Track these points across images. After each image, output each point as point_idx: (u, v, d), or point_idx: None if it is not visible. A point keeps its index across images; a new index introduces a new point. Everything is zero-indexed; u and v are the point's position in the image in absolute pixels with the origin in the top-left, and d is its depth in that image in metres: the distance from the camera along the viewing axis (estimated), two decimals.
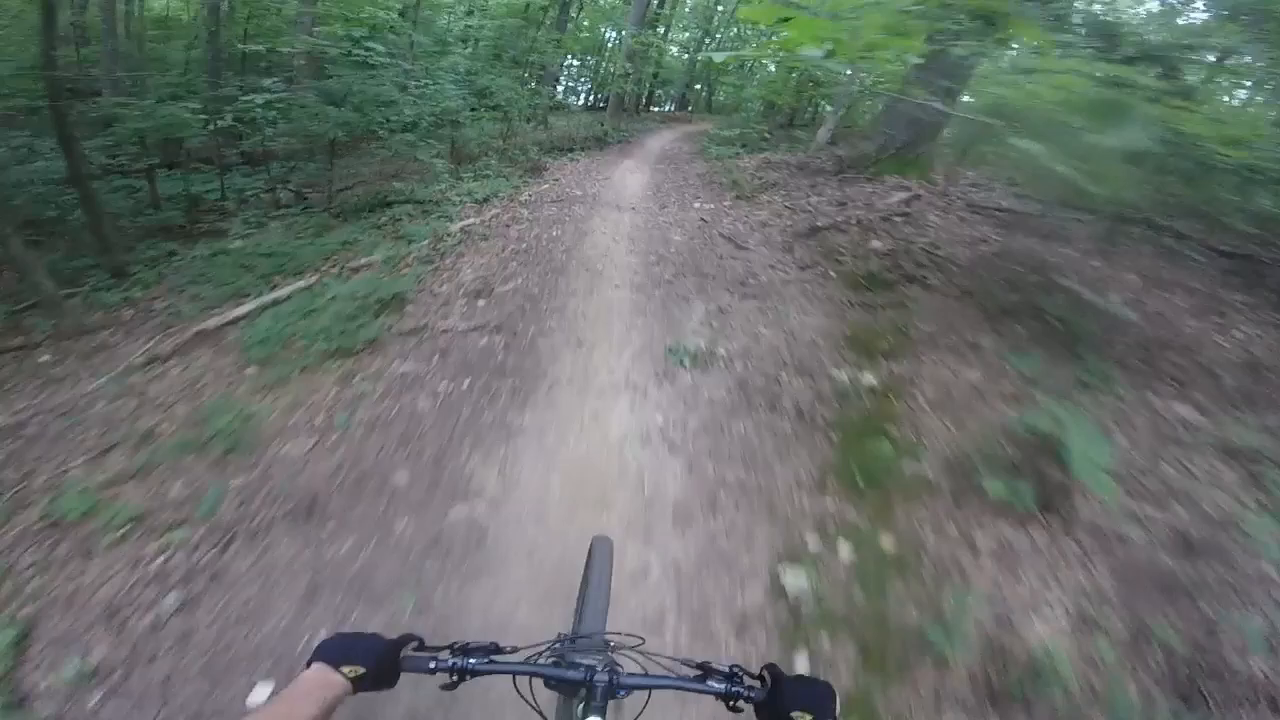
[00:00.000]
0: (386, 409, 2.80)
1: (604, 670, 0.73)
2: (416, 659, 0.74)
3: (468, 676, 0.73)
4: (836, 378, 3.09)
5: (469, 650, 0.75)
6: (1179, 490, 2.32)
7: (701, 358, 3.21)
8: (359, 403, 2.84)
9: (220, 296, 4.34)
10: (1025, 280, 4.01)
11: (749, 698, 0.72)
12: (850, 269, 4.28)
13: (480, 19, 12.01)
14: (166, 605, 1.85)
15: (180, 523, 2.14)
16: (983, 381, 3.01)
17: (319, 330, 3.32)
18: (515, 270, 4.11)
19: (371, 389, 2.91)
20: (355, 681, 0.67)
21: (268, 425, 2.71)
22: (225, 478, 2.37)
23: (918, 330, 3.44)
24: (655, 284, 4.10)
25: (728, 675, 0.74)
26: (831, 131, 9.71)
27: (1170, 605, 1.89)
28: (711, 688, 0.73)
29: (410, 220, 5.83)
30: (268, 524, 2.18)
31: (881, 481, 2.42)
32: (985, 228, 5.24)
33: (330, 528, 2.18)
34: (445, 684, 0.73)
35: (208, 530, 2.12)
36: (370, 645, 0.72)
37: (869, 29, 1.41)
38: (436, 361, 3.05)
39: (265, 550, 2.07)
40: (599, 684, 0.72)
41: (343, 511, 2.26)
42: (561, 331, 3.32)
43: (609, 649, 0.88)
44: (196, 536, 2.09)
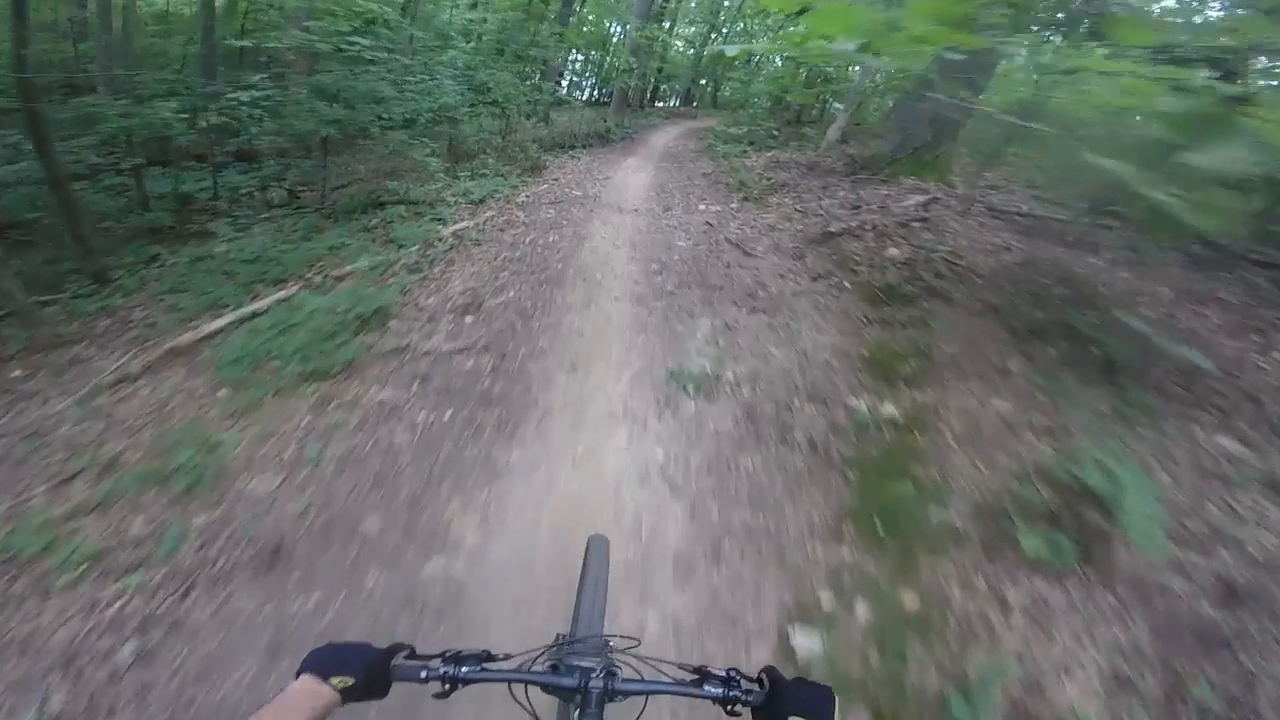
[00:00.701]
0: (361, 443, 2.55)
1: (599, 676, 0.72)
2: (407, 668, 0.72)
3: (460, 685, 0.72)
4: (853, 407, 2.82)
5: (461, 658, 0.73)
6: (1223, 532, 2.12)
7: (706, 383, 2.94)
8: (332, 434, 2.59)
9: (199, 307, 4.12)
10: (1053, 294, 3.74)
11: (746, 701, 0.70)
12: (866, 280, 3.99)
13: (483, 12, 11.70)
14: (124, 655, 1.72)
15: (139, 564, 1.99)
16: (1013, 412, 2.76)
17: (294, 350, 3.07)
18: (507, 281, 3.84)
19: (346, 419, 2.67)
20: (345, 692, 0.66)
21: (234, 457, 2.50)
22: (187, 516, 2.18)
23: (941, 352, 3.16)
24: (657, 296, 3.82)
25: (724, 679, 0.73)
26: (842, 130, 9.37)
27: (1208, 659, 1.76)
28: (708, 692, 0.72)
29: (402, 222, 5.57)
30: (229, 570, 1.99)
31: (904, 530, 2.19)
32: (1007, 234, 4.95)
33: (296, 578, 1.99)
34: (438, 692, 0.72)
35: (167, 574, 1.96)
36: (360, 655, 0.70)
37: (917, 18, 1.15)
38: (417, 388, 2.79)
39: (227, 600, 1.90)
40: (594, 690, 0.71)
41: (309, 560, 2.06)
42: (554, 352, 3.06)
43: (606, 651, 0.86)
44: (155, 580, 1.94)
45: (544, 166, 8.59)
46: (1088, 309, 3.49)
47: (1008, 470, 2.40)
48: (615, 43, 17.25)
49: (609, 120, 13.27)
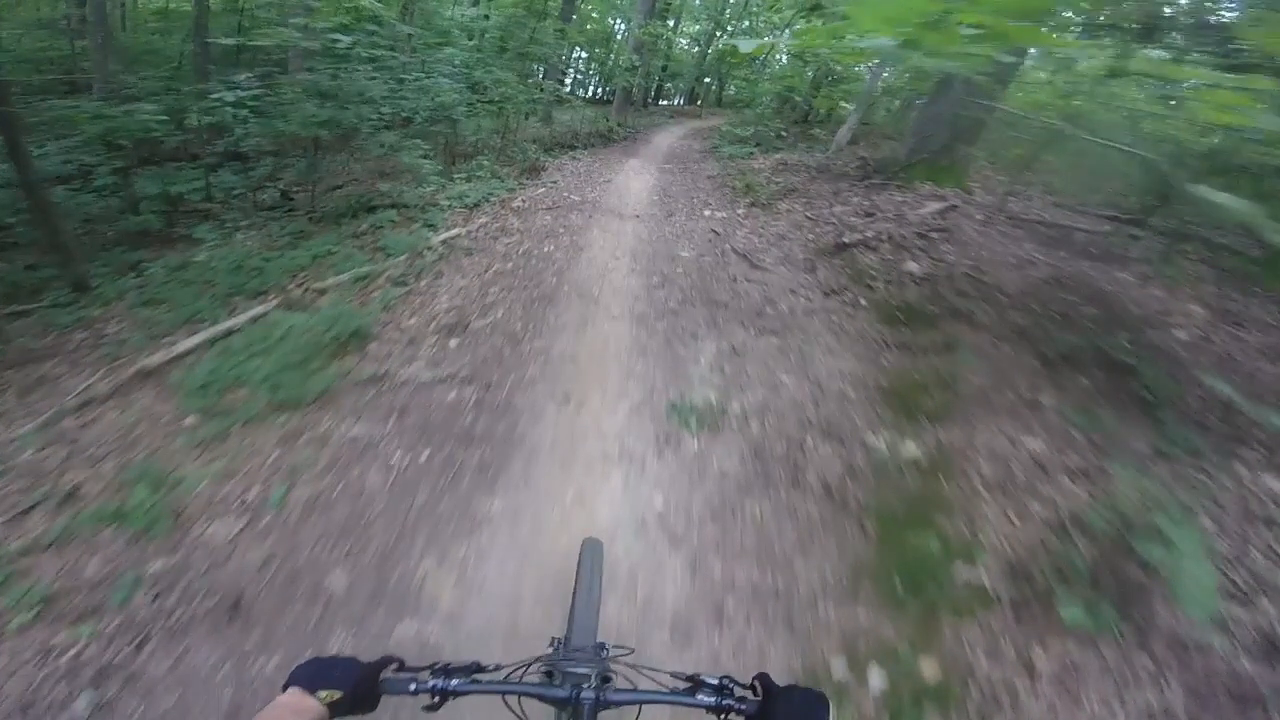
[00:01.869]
0: (329, 486, 2.32)
1: (591, 687, 0.72)
2: (396, 681, 0.72)
3: (450, 697, 0.72)
4: (872, 446, 2.58)
5: (450, 670, 0.73)
6: (1267, 581, 1.97)
7: (711, 417, 2.69)
8: (299, 474, 2.37)
9: (174, 321, 3.91)
10: (1082, 315, 3.49)
11: (740, 710, 0.69)
12: (883, 297, 3.73)
13: (485, 8, 11.45)
14: (79, 709, 1.63)
15: (93, 610, 1.87)
16: (1047, 452, 2.54)
17: (264, 377, 2.85)
18: (497, 298, 3.59)
19: (314, 457, 2.44)
20: (332, 706, 0.65)
21: (195, 497, 2.30)
22: (143, 560, 2.03)
23: (967, 383, 2.91)
24: (659, 315, 3.56)
25: (718, 688, 0.73)
26: (852, 131, 9.07)
27: None
28: (701, 701, 0.71)
29: (393, 228, 5.34)
30: (186, 623, 1.85)
31: (927, 590, 1.99)
32: (1030, 245, 4.68)
33: (256, 636, 1.83)
34: (428, 705, 0.71)
35: (123, 622, 1.85)
36: (348, 668, 0.69)
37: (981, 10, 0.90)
38: (393, 424, 2.55)
39: (184, 654, 1.79)
40: (586, 701, 0.70)
41: (270, 617, 1.88)
42: (545, 381, 2.80)
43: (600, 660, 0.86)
44: (110, 628, 1.83)
45: (543, 168, 8.34)
46: (1120, 331, 3.28)
47: (1042, 521, 2.19)
48: (619, 40, 16.99)
49: (611, 119, 13.01)
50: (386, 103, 5.61)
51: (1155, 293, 4.00)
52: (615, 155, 10.26)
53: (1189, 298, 3.94)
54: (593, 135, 11.91)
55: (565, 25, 11.23)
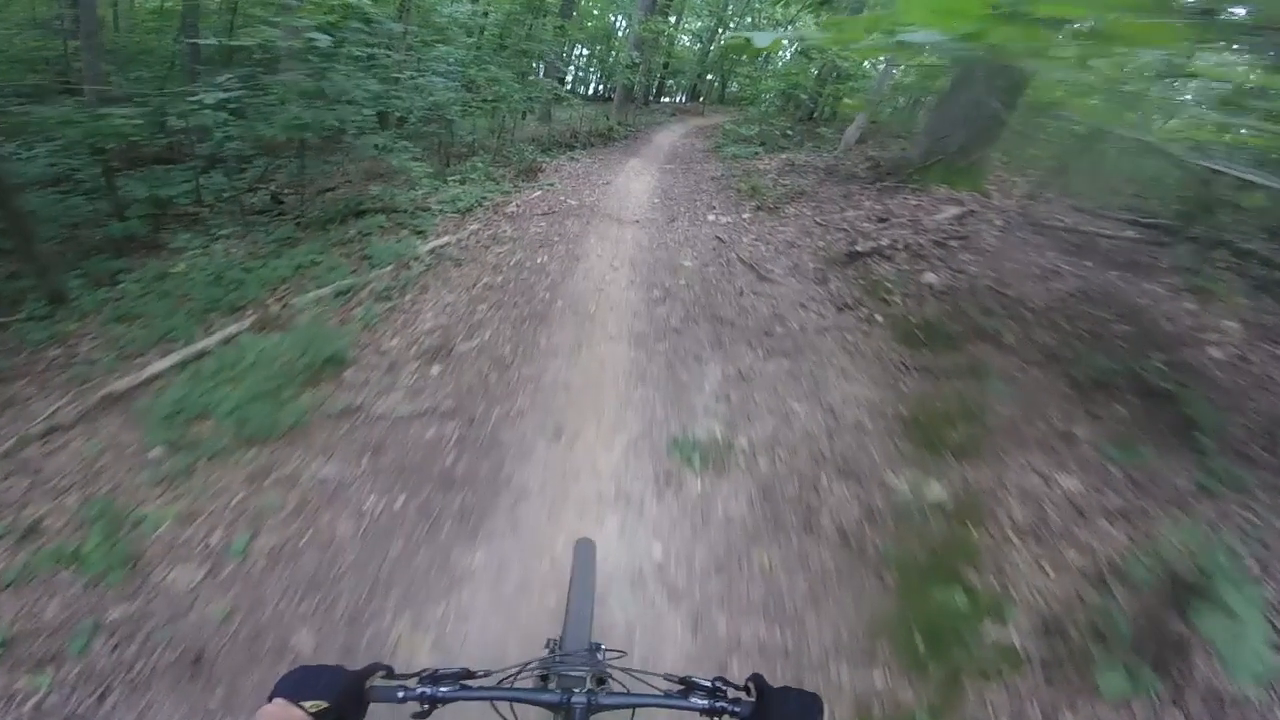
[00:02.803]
0: (296, 533, 2.13)
1: (582, 691, 0.72)
2: (384, 689, 0.70)
3: (439, 705, 0.71)
4: (893, 486, 2.37)
5: (439, 677, 0.73)
6: None
7: (716, 453, 2.48)
8: (264, 519, 2.19)
9: (147, 340, 3.74)
10: (1114, 333, 3.29)
11: (733, 712, 0.69)
12: (901, 313, 3.50)
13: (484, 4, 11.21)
14: None
15: (53, 657, 1.80)
16: (1083, 491, 2.35)
17: (232, 408, 2.66)
18: (485, 317, 3.37)
19: (281, 500, 2.24)
20: (318, 716, 0.64)
21: (156, 539, 2.15)
22: (102, 605, 1.93)
23: (995, 414, 2.69)
24: (660, 334, 3.34)
25: (711, 690, 0.72)
26: (861, 129, 8.83)
27: None
28: (694, 704, 0.70)
29: (381, 234, 5.15)
30: (148, 676, 1.76)
31: (951, 650, 1.83)
32: (1053, 254, 4.45)
33: (219, 696, 1.71)
34: (416, 713, 0.71)
35: (83, 671, 1.77)
36: (334, 677, 0.68)
37: None
38: (367, 463, 2.34)
39: (147, 709, 1.70)
40: (577, 706, 0.70)
41: (234, 676, 1.76)
42: (535, 413, 2.58)
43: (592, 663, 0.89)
44: (71, 676, 1.75)
45: (540, 169, 8.12)
46: (1153, 350, 3.09)
47: (1078, 570, 2.04)
48: (620, 37, 16.75)
49: (611, 118, 12.78)
50: (374, 103, 5.40)
51: (1187, 306, 3.80)
52: (615, 155, 10.03)
53: (1223, 311, 3.75)
54: (592, 134, 11.69)
55: (565, 22, 11.00)
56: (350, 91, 4.61)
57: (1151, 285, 3.99)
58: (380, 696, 0.70)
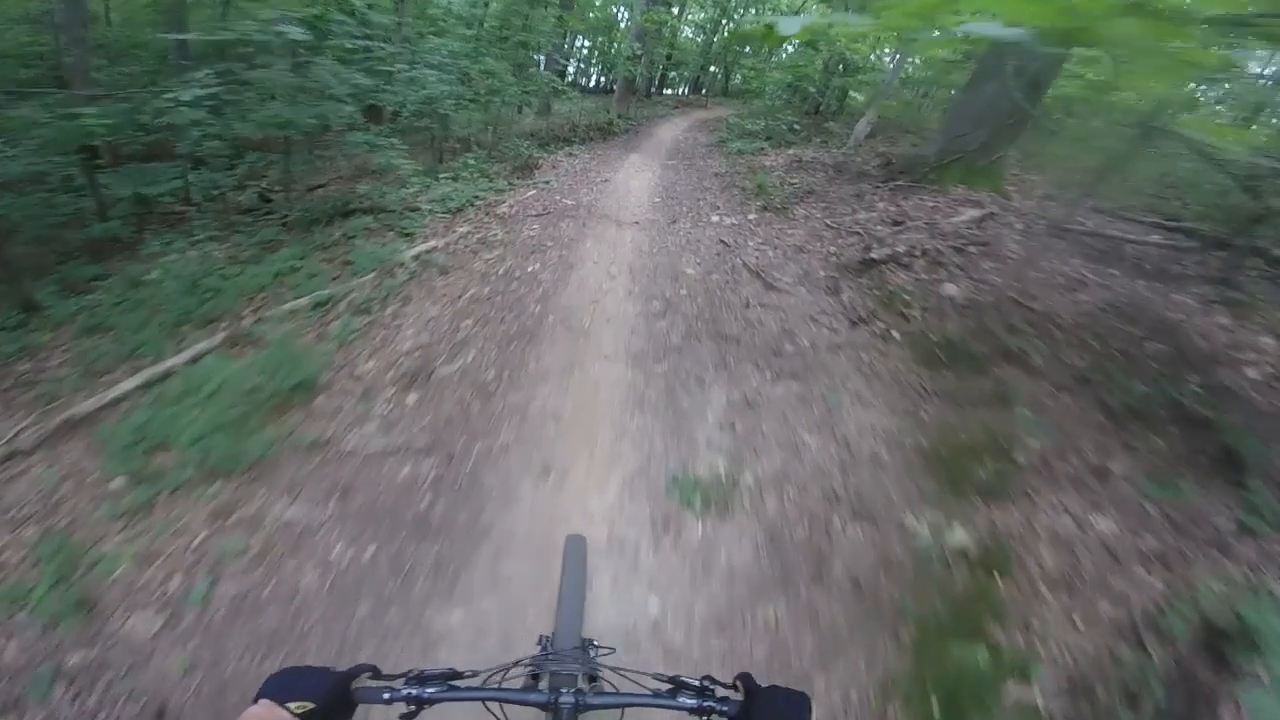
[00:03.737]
0: (259, 582, 1.96)
1: (570, 691, 0.72)
2: (370, 690, 0.70)
3: (426, 706, 0.71)
4: (912, 530, 2.18)
5: (426, 678, 0.73)
6: None
7: (719, 492, 2.27)
8: (225, 565, 2.01)
9: (116, 355, 3.56)
10: (1147, 353, 3.10)
11: (721, 711, 0.69)
12: (920, 329, 3.28)
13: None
14: None
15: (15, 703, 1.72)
16: (1118, 534, 2.19)
17: (195, 439, 2.48)
18: (469, 334, 3.15)
19: (244, 544, 2.06)
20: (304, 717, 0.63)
21: (114, 582, 2.01)
22: (60, 652, 1.84)
23: (1025, 447, 2.48)
24: (659, 353, 3.12)
25: (699, 689, 0.73)
26: (871, 124, 8.55)
27: None
28: (683, 703, 0.71)
29: (366, 237, 4.95)
30: None
31: (969, 715, 1.72)
32: (1077, 261, 4.24)
33: None
34: (404, 714, 0.71)
35: None
36: (319, 679, 0.68)
37: None
38: (335, 506, 2.14)
39: None
40: (565, 706, 0.71)
41: None
42: (520, 449, 2.37)
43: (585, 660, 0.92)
44: None
45: (536, 166, 7.89)
46: (1188, 372, 2.92)
47: (1110, 623, 1.91)
48: (623, 28, 16.43)
49: (612, 111, 12.50)
50: (357, 98, 5.17)
51: (1220, 320, 3.61)
52: (615, 150, 9.78)
53: (1259, 326, 3.55)
54: (591, 128, 11.42)
55: (565, 13, 10.71)
56: (332, 87, 4.38)
57: (1182, 297, 3.80)
58: (367, 698, 0.69)
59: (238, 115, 4.74)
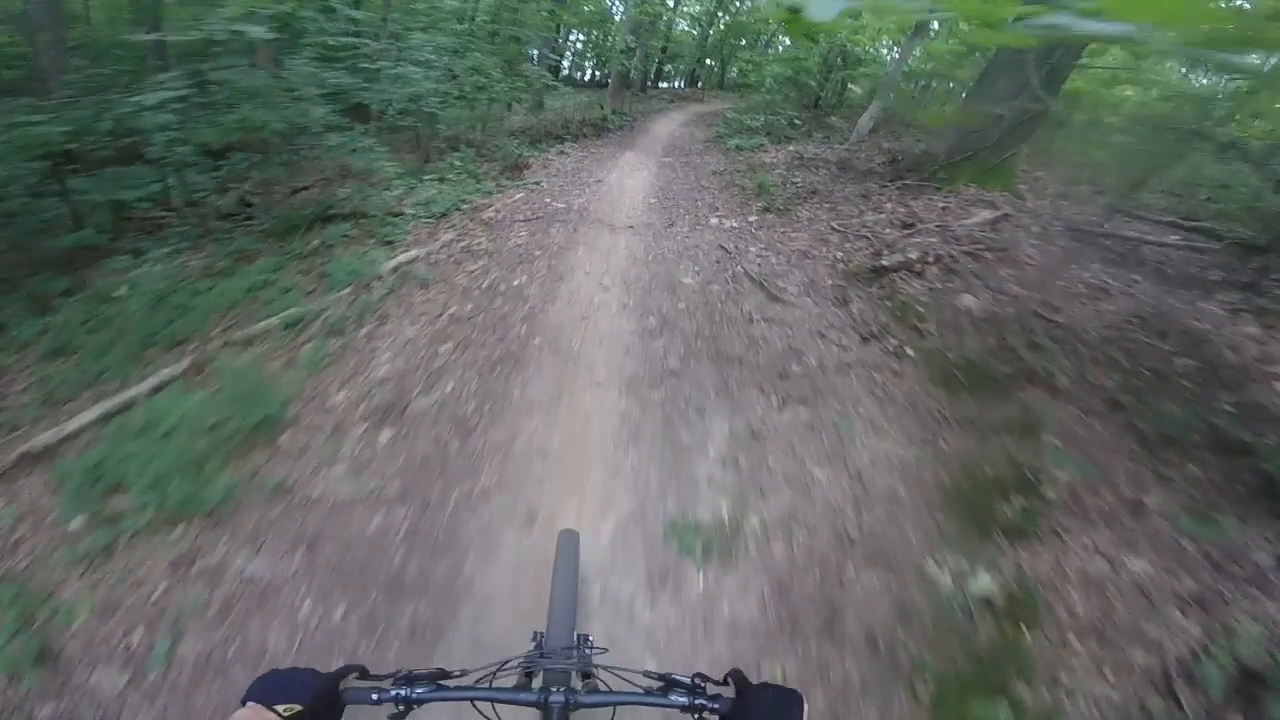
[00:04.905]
0: (223, 641, 1.82)
1: (560, 691, 0.72)
2: (358, 691, 0.70)
3: (415, 706, 0.71)
4: (932, 577, 2.04)
5: (414, 678, 0.73)
6: None
7: (722, 538, 2.11)
8: (187, 621, 1.87)
9: (79, 381, 3.39)
10: (1177, 370, 2.99)
11: (713, 709, 0.69)
12: (936, 346, 3.11)
13: None
14: None
15: None
16: (1153, 575, 2.07)
17: (153, 480, 2.33)
18: (448, 361, 2.94)
19: (205, 599, 1.93)
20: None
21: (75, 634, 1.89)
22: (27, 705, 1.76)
23: (1054, 480, 2.33)
24: (656, 377, 2.94)
25: (690, 687, 0.73)
26: (875, 120, 8.37)
27: None
28: (674, 701, 0.71)
29: (345, 246, 4.78)
30: None
31: None
32: (1098, 266, 4.09)
33: None
34: (393, 714, 0.71)
35: None
36: (307, 680, 0.68)
37: None
38: (301, 560, 1.98)
39: None
40: (555, 705, 0.71)
41: None
42: (503, 494, 2.19)
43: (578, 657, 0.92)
44: None
45: (526, 165, 7.70)
46: (1221, 390, 2.79)
47: (1142, 675, 1.79)
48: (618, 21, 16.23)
49: (606, 106, 12.30)
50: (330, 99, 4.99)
51: (1249, 330, 3.49)
52: (609, 148, 9.59)
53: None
54: (585, 124, 11.22)
55: (557, 6, 10.50)
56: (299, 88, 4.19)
57: (1208, 305, 3.68)
58: (355, 699, 0.69)
59: (206, 119, 4.56)
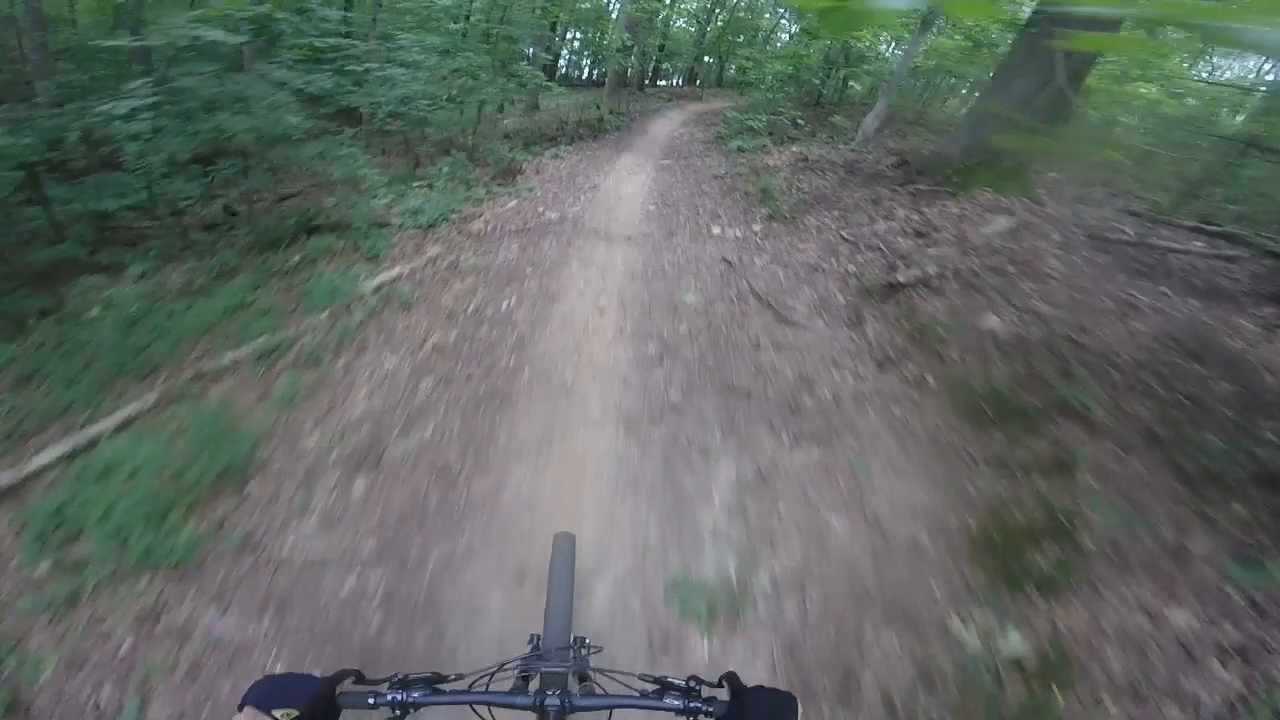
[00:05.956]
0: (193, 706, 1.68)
1: (556, 694, 0.73)
2: (354, 695, 0.71)
3: (411, 710, 0.73)
4: (958, 636, 1.91)
5: (410, 682, 0.74)
6: None
7: (727, 599, 1.96)
8: (154, 681, 1.74)
9: (47, 413, 3.24)
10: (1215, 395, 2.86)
11: (708, 712, 0.71)
12: (960, 373, 2.95)
13: None
14: None
15: None
16: (1197, 628, 1.94)
17: (115, 526, 2.20)
18: (429, 398, 2.77)
19: (173, 659, 1.80)
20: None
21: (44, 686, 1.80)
22: None
23: (1091, 526, 2.19)
24: (656, 413, 2.77)
25: (685, 690, 0.74)
26: (880, 118, 8.22)
27: None
28: (669, 704, 0.72)
29: (328, 261, 4.63)
30: None
31: None
32: (1124, 277, 3.95)
33: None
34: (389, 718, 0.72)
35: None
36: (303, 685, 0.69)
37: None
38: (270, 623, 1.84)
39: None
40: (551, 708, 0.72)
41: None
42: (488, 551, 2.03)
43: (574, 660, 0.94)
44: None
45: (519, 170, 7.55)
46: (1262, 416, 2.65)
47: None
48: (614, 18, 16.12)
49: (602, 106, 12.16)
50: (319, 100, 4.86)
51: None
52: (606, 150, 9.45)
53: None
54: (581, 125, 11.10)
55: (550, 4, 10.35)
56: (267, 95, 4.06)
57: (1240, 319, 3.54)
58: (352, 703, 0.70)
59: (176, 128, 4.42)
